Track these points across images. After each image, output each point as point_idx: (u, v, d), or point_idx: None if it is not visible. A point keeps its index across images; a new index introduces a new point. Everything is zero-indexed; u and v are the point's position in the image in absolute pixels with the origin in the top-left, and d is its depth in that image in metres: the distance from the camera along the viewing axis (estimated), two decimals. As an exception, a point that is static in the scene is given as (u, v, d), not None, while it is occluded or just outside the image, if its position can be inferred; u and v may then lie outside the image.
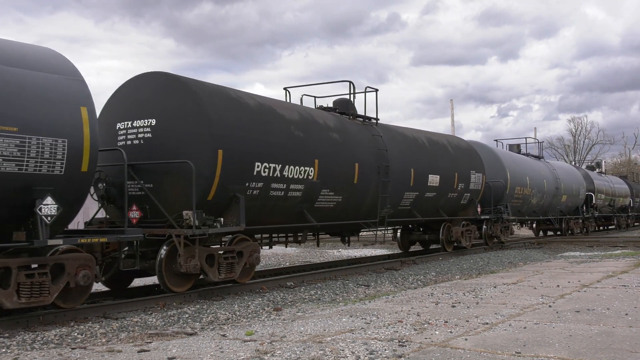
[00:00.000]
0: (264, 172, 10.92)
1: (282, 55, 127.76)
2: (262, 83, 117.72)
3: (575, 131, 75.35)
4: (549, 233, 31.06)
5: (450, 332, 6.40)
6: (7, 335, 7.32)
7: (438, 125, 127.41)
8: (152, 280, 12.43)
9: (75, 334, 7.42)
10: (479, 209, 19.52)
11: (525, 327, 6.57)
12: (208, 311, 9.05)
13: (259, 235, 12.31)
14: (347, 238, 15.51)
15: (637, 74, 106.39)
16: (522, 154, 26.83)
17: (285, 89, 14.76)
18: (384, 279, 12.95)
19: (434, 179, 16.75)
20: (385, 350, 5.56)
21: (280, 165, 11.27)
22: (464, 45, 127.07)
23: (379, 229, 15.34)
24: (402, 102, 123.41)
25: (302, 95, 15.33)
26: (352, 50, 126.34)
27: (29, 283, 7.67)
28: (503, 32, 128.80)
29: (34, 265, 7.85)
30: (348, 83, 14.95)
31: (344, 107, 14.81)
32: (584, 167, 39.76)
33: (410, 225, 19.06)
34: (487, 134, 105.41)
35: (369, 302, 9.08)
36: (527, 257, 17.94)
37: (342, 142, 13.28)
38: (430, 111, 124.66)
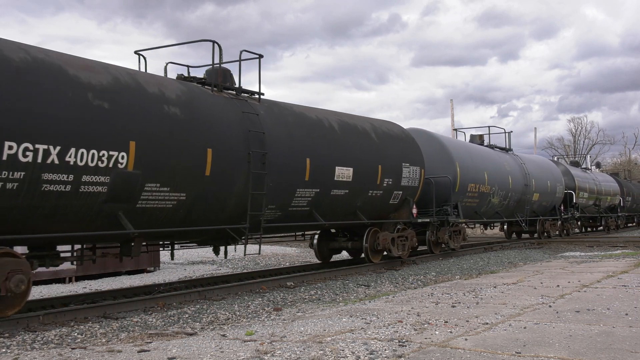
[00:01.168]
0: (25, 156, 7.64)
1: (283, 56, 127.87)
2: (263, 83, 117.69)
3: (575, 131, 75.42)
4: (525, 236, 27.77)
5: (450, 332, 6.40)
6: (7, 335, 7.32)
7: (438, 125, 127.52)
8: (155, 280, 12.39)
9: (75, 334, 7.42)
10: (414, 211, 16.08)
11: (525, 327, 6.57)
12: (208, 311, 9.05)
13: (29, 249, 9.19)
14: (223, 248, 12.12)
15: (637, 75, 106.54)
16: (486, 146, 23.35)
17: (136, 52, 11.46)
18: (384, 279, 12.95)
19: (344, 173, 13.24)
20: (385, 350, 5.56)
21: (58, 148, 7.98)
22: (464, 46, 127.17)
23: (253, 236, 11.37)
24: (402, 102, 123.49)
25: (167, 64, 11.78)
26: (353, 51, 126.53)
27: None
28: (503, 33, 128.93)
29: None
30: (212, 44, 11.39)
31: (213, 78, 11.42)
32: (562, 162, 35.55)
33: (333, 230, 15.95)
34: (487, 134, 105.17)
35: (369, 302, 9.08)
36: (527, 257, 17.94)
37: (186, 119, 9.84)
38: (430, 111, 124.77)
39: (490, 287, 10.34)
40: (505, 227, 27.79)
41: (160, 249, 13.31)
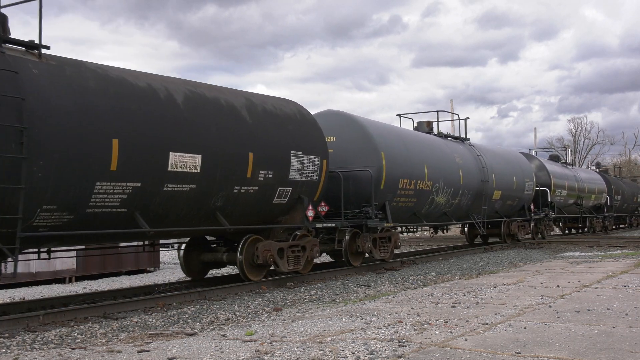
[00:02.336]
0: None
1: (285, 56, 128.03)
2: (264, 84, 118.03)
3: (575, 131, 75.43)
4: (491, 240, 23.55)
5: (450, 332, 6.40)
6: (7, 335, 7.32)
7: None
8: (153, 279, 12.43)
9: (75, 334, 7.43)
10: (308, 213, 12.44)
11: (525, 327, 6.57)
12: (208, 311, 9.05)
13: None
14: None
15: (637, 75, 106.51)
16: (436, 135, 19.57)
17: None
18: (384, 279, 12.95)
19: (186, 161, 9.88)
20: (385, 350, 5.56)
21: None
22: (465, 47, 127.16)
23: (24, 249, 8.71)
24: (403, 102, 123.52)
25: None
26: (354, 52, 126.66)
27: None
28: (503, 34, 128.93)
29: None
30: None
31: None
32: (538, 154, 31.46)
33: (211, 238, 12.70)
34: (487, 134, 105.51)
35: (369, 302, 9.08)
36: (527, 257, 17.94)
37: None
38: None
39: (490, 287, 10.34)
40: (466, 229, 23.61)
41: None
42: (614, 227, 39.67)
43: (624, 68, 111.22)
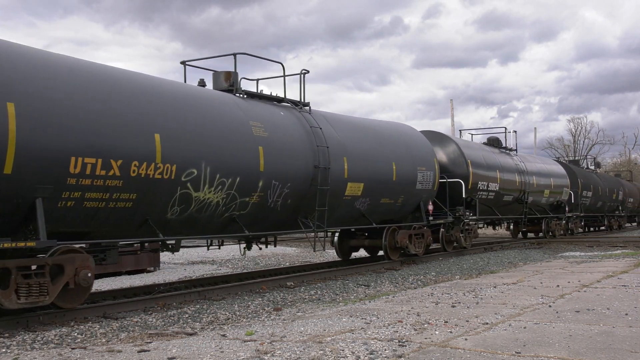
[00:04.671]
0: None
1: (287, 57, 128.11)
2: (266, 84, 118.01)
3: (575, 131, 75.42)
4: (380, 253, 16.89)
5: (450, 332, 6.40)
6: (7, 335, 7.32)
7: (439, 126, 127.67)
8: (153, 279, 12.40)
9: (75, 334, 7.42)
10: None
11: (525, 327, 6.56)
12: (208, 311, 9.05)
13: None
14: None
15: (636, 76, 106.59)
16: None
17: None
18: (384, 279, 12.95)
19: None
20: (385, 350, 5.56)
21: None
22: (465, 48, 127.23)
23: None
24: (403, 103, 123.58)
25: None
26: (355, 53, 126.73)
27: None
28: (503, 36, 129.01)
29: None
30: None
31: None
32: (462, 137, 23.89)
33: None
34: (487, 134, 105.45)
35: (369, 302, 9.08)
36: (527, 257, 17.94)
37: None
38: (431, 112, 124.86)
39: (490, 287, 10.34)
40: (336, 238, 17.08)
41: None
42: (581, 229, 34.75)
43: (624, 69, 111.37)
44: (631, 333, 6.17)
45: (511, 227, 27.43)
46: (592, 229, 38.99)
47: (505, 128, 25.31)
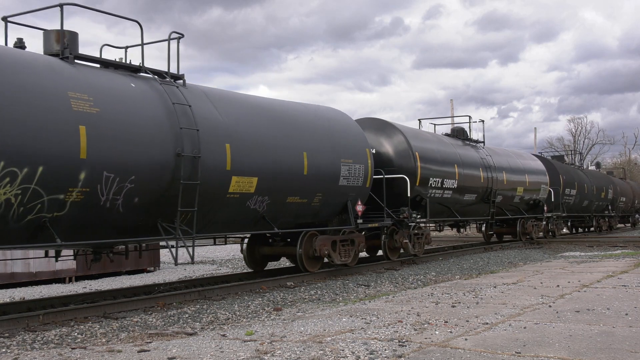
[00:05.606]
0: None
1: (288, 58, 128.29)
2: (266, 85, 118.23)
3: (575, 131, 75.42)
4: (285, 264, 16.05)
5: (450, 332, 6.40)
6: (7, 335, 7.32)
7: (439, 126, 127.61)
8: (153, 278, 12.40)
9: (75, 334, 7.42)
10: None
11: (525, 327, 6.56)
12: (208, 311, 9.05)
13: None
14: None
15: (635, 76, 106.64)
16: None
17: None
18: (384, 279, 12.95)
19: None
20: (385, 350, 5.56)
21: None
22: (465, 49, 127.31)
23: None
24: (404, 103, 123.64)
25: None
26: (356, 54, 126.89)
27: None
28: (503, 36, 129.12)
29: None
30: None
31: None
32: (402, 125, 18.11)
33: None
34: (487, 134, 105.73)
35: (369, 302, 9.08)
36: (527, 257, 17.93)
37: None
38: (431, 112, 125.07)
39: (490, 287, 10.34)
40: (245, 245, 14.32)
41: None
42: (567, 231, 32.96)
43: (623, 69, 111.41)
44: (631, 333, 6.17)
45: (483, 229, 23.74)
46: (580, 230, 35.60)
47: (470, 117, 21.67)
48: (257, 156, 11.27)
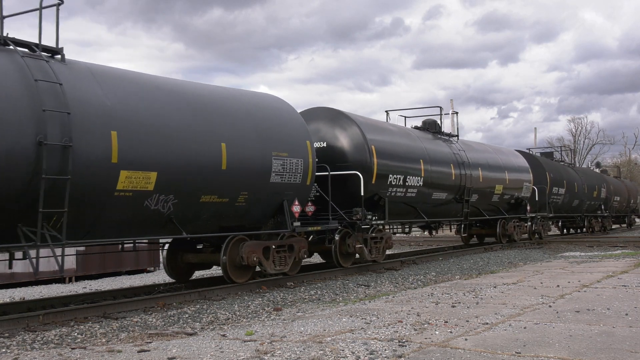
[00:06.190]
0: None
1: (288, 58, 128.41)
2: (267, 85, 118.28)
3: (575, 131, 75.43)
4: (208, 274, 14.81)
5: (450, 332, 6.40)
6: (7, 335, 7.32)
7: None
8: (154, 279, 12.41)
9: (75, 334, 7.42)
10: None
11: (525, 327, 6.56)
12: (208, 311, 9.05)
13: None
14: None
15: (635, 77, 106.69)
16: None
17: None
18: (384, 279, 12.95)
19: None
20: (385, 350, 5.56)
21: None
22: (465, 49, 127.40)
23: None
24: (404, 103, 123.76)
25: None
26: (356, 54, 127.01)
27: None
28: (503, 37, 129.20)
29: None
30: None
31: None
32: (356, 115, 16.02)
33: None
34: (487, 134, 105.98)
35: (369, 302, 9.08)
36: (527, 257, 17.93)
37: None
38: (432, 112, 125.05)
39: (490, 287, 10.34)
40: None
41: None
42: (558, 232, 31.75)
43: (623, 69, 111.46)
44: (631, 333, 6.17)
45: (459, 230, 21.30)
46: (571, 231, 33.91)
47: (441, 108, 19.71)
48: (156, 147, 9.44)
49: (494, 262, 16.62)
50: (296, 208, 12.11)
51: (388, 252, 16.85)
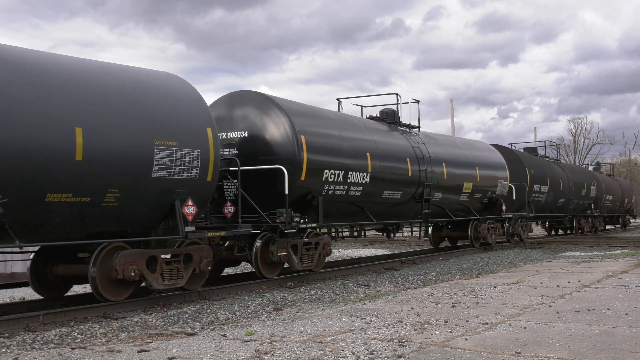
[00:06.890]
0: None
1: (289, 59, 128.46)
2: (267, 85, 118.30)
3: (575, 131, 75.45)
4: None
5: (450, 332, 6.40)
6: (7, 335, 7.32)
7: (439, 126, 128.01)
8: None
9: (75, 334, 7.42)
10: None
11: (525, 327, 6.56)
12: (208, 311, 9.05)
13: None
14: None
15: (635, 77, 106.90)
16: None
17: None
18: (384, 279, 12.95)
19: None
20: (385, 350, 5.56)
21: None
22: (465, 50, 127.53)
23: None
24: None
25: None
26: (357, 55, 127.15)
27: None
28: (503, 37, 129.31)
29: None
30: None
31: None
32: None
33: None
34: (487, 134, 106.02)
35: (369, 302, 9.08)
36: (527, 257, 17.93)
37: None
38: (432, 112, 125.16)
39: (490, 287, 10.34)
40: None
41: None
42: (545, 232, 30.59)
43: (623, 70, 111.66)
44: (631, 333, 6.17)
45: (420, 234, 18.35)
46: (559, 232, 32.27)
47: (398, 95, 17.45)
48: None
49: (494, 262, 16.62)
50: (189, 209, 9.85)
51: (389, 251, 16.47)
